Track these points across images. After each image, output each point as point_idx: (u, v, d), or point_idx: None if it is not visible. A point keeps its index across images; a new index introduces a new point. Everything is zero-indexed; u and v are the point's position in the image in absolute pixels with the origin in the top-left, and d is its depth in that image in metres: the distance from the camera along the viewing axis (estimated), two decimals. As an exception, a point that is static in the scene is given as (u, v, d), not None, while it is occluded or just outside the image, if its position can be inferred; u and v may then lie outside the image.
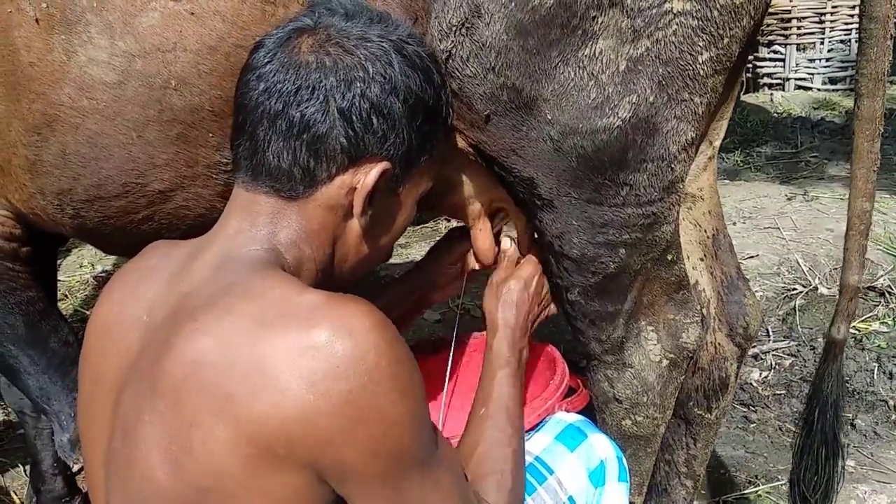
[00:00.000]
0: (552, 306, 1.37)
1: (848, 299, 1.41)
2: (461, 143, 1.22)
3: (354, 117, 0.95)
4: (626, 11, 1.07)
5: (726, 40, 1.13)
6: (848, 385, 2.46)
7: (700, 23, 1.10)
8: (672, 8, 1.08)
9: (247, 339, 0.83)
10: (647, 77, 1.12)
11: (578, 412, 1.38)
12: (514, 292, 1.28)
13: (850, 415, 2.36)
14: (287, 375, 0.81)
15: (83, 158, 1.24)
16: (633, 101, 1.13)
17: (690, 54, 1.11)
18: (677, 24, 1.09)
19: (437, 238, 3.57)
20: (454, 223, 3.67)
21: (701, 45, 1.11)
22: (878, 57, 1.22)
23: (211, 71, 1.15)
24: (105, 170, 1.24)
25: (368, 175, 0.97)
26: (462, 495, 0.95)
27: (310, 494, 0.85)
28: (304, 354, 0.81)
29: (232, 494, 0.84)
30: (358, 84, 0.95)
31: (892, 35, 1.20)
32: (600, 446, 1.29)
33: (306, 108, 0.94)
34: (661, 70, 1.11)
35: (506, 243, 1.37)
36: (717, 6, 1.09)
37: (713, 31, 1.11)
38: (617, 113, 1.13)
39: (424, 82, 1.00)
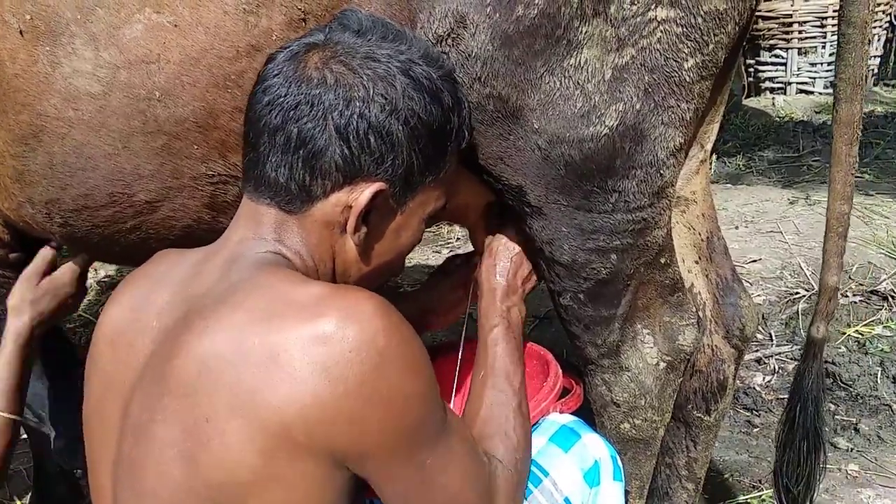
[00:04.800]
0: None
1: (827, 299, 1.42)
2: None
3: (351, 136, 0.96)
4: (610, 21, 1.08)
5: (711, 46, 1.13)
6: (851, 389, 2.45)
7: (684, 30, 1.10)
8: (656, 16, 1.08)
9: (258, 331, 0.86)
10: (632, 85, 1.12)
11: (573, 413, 1.38)
12: (496, 255, 1.29)
13: (854, 419, 2.35)
14: (302, 364, 0.84)
15: (70, 169, 1.25)
16: (620, 109, 1.13)
17: (676, 61, 1.12)
18: (661, 32, 1.09)
19: (438, 243, 3.59)
20: (457, 228, 3.67)
21: (686, 51, 1.12)
22: (857, 62, 1.22)
23: (194, 83, 1.16)
24: (92, 180, 1.26)
25: (362, 194, 0.98)
26: (475, 459, 0.99)
27: (326, 482, 0.88)
28: (315, 342, 0.84)
29: (249, 486, 0.85)
30: (357, 103, 0.95)
31: (870, 40, 1.21)
32: (594, 446, 1.29)
33: (304, 123, 0.95)
34: (646, 77, 1.12)
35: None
36: (701, 13, 1.10)
37: (698, 38, 1.11)
38: (604, 121, 1.14)
39: (430, 104, 0.99)
